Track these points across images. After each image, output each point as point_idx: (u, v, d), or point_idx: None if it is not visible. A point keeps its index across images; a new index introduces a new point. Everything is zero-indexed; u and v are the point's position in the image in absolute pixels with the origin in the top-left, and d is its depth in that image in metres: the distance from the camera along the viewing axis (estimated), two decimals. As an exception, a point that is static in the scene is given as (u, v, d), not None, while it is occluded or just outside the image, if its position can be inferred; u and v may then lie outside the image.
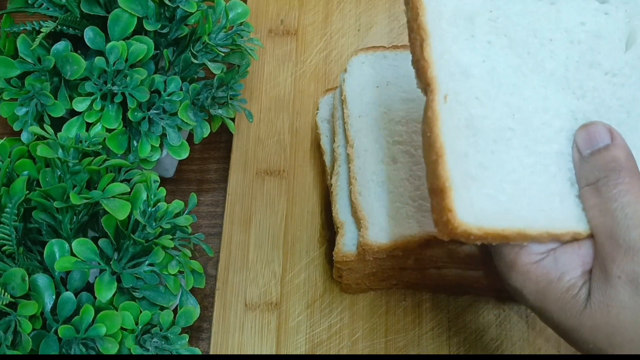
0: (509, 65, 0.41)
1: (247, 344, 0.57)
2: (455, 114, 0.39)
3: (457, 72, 0.40)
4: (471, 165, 0.38)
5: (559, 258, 0.39)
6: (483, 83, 0.40)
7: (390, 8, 0.71)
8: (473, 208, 0.37)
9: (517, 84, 0.41)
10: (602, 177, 0.39)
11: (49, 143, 0.48)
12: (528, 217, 0.38)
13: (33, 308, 0.44)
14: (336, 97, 0.59)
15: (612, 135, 0.40)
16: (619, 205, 0.38)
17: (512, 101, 0.41)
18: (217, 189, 0.65)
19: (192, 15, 0.56)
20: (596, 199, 0.39)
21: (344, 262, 0.53)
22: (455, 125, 0.39)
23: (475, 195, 0.38)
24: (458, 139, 0.38)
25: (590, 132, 0.41)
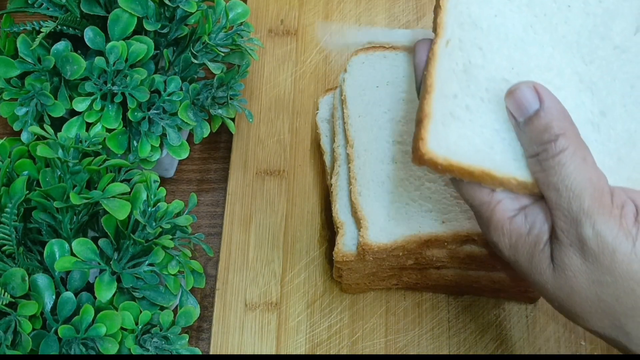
0: (520, 22, 0.42)
1: (247, 344, 0.57)
2: (454, 58, 0.41)
3: (467, 22, 0.42)
4: (456, 106, 0.41)
5: (528, 214, 0.40)
6: (489, 36, 0.42)
7: (390, 8, 0.71)
8: (446, 142, 0.39)
9: (525, 39, 0.42)
10: (540, 150, 0.39)
11: (49, 143, 0.48)
12: (497, 161, 0.40)
13: (33, 308, 0.44)
14: (336, 97, 0.59)
15: (539, 96, 0.39)
16: (559, 178, 0.38)
17: (514, 55, 0.42)
18: (217, 189, 0.65)
19: (192, 15, 0.56)
20: (539, 172, 0.39)
21: (344, 262, 0.53)
22: (452, 68, 0.41)
23: (452, 132, 0.40)
24: (451, 81, 0.41)
25: (517, 98, 0.40)
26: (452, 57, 0.41)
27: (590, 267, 0.37)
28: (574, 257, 0.38)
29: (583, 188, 0.37)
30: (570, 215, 0.38)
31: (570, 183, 0.37)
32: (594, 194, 0.37)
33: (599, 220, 0.37)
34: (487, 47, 0.42)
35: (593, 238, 0.37)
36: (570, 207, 0.37)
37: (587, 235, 0.37)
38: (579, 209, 0.37)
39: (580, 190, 0.37)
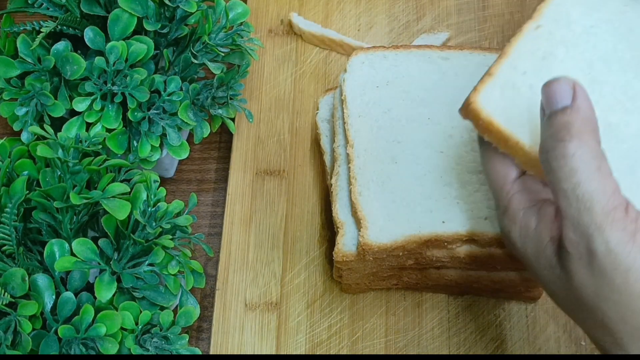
0: (612, 41, 0.44)
1: (247, 344, 0.57)
2: (538, 43, 0.44)
3: (563, 20, 0.45)
4: (521, 81, 0.42)
5: (541, 208, 0.40)
6: (579, 39, 0.44)
7: (390, 8, 0.71)
8: (496, 102, 0.41)
9: (610, 56, 0.44)
10: (551, 148, 0.36)
11: (49, 143, 0.48)
12: (534, 139, 0.40)
13: (33, 308, 0.44)
14: (336, 97, 0.59)
15: (574, 94, 0.37)
16: (570, 185, 0.35)
17: (595, 65, 0.44)
18: (217, 189, 0.65)
19: (192, 15, 0.56)
20: (549, 173, 0.37)
21: (344, 262, 0.53)
22: (533, 51, 0.43)
23: (505, 98, 0.42)
24: (527, 59, 0.43)
25: (552, 89, 0.37)
26: (536, 41, 0.44)
27: (598, 283, 0.35)
28: (582, 269, 0.36)
29: (595, 200, 0.35)
30: (580, 228, 0.35)
31: (581, 193, 0.35)
32: (607, 206, 0.35)
33: (611, 236, 0.34)
34: (573, 47, 0.43)
35: (605, 254, 0.35)
36: (581, 219, 0.35)
37: (598, 250, 0.35)
38: (589, 221, 0.35)
39: (591, 202, 0.35)
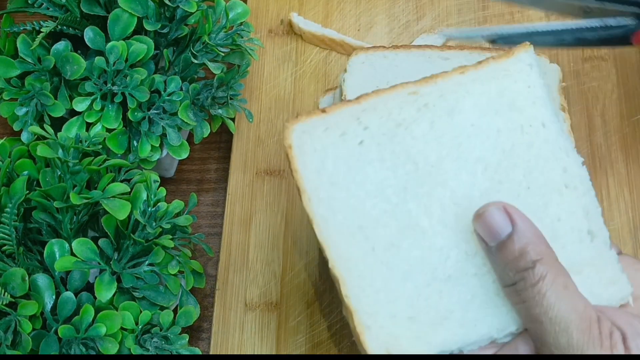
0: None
1: (247, 344, 0.57)
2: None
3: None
4: (355, 135, 0.41)
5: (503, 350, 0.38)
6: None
7: (390, 8, 0.71)
8: (314, 144, 0.40)
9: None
10: (517, 280, 0.36)
11: (49, 143, 0.48)
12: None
13: (33, 308, 0.44)
14: (336, 97, 0.59)
15: (510, 218, 0.37)
16: (542, 310, 0.35)
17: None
18: (217, 189, 0.65)
19: (192, 15, 0.56)
20: (519, 303, 0.37)
21: (344, 262, 0.53)
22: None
23: (326, 149, 0.41)
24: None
25: (487, 222, 0.37)
26: (403, 106, 0.42)
27: None
28: None
29: (569, 320, 0.35)
30: (558, 350, 0.35)
31: (554, 315, 0.35)
32: (581, 325, 0.35)
33: (591, 354, 0.34)
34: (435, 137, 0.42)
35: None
36: (558, 343, 0.35)
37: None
38: (567, 344, 0.35)
39: (566, 323, 0.35)
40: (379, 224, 0.40)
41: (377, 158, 0.41)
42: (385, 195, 0.41)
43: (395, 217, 0.40)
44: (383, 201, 0.40)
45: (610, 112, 0.63)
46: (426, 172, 0.41)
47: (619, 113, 0.63)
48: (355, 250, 0.39)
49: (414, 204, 0.40)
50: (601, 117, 0.63)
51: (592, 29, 0.46)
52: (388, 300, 0.39)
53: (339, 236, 0.39)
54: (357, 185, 0.40)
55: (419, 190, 0.40)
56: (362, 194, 0.40)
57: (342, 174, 0.41)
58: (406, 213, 0.40)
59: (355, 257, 0.39)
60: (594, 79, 0.65)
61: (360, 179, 0.40)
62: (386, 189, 0.41)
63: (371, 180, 0.41)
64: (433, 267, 0.39)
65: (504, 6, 0.69)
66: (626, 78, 0.64)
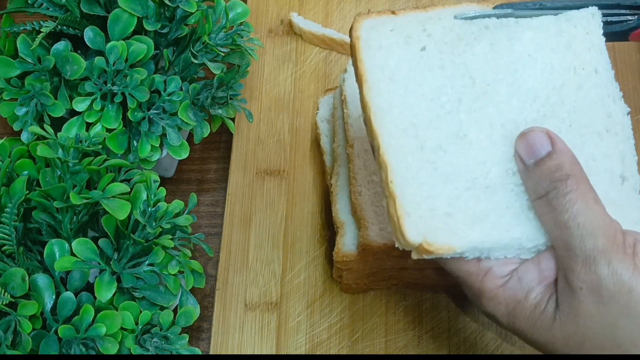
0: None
1: (247, 344, 0.57)
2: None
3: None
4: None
5: (522, 277, 0.39)
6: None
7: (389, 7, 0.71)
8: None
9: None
10: (550, 189, 0.38)
11: (49, 143, 0.48)
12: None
13: (33, 308, 0.44)
14: (336, 97, 0.59)
15: (551, 140, 0.39)
16: (570, 215, 0.37)
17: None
18: (217, 189, 0.65)
19: (192, 15, 0.56)
20: (549, 213, 0.38)
21: (344, 262, 0.53)
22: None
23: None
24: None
25: (529, 141, 0.40)
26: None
27: (605, 310, 0.36)
28: (586, 301, 0.37)
29: (596, 226, 0.37)
30: (583, 254, 0.37)
31: (583, 220, 0.37)
32: (608, 232, 0.37)
33: (615, 259, 0.36)
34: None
35: (609, 277, 0.36)
36: (584, 246, 0.37)
37: (603, 274, 0.36)
38: (593, 247, 0.36)
39: (593, 228, 0.37)
40: (431, 126, 0.42)
41: (437, 64, 0.43)
42: (440, 101, 0.42)
43: (446, 123, 0.42)
44: (437, 106, 0.42)
45: (610, 112, 0.63)
46: (482, 90, 0.43)
47: (619, 113, 0.63)
48: (405, 144, 0.41)
49: (466, 116, 0.42)
50: (601, 117, 0.63)
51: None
52: (429, 195, 0.40)
53: (392, 128, 0.41)
54: (416, 86, 0.42)
55: (472, 105, 0.42)
56: (419, 95, 0.42)
57: (403, 73, 0.42)
58: (457, 122, 0.42)
59: (404, 150, 0.41)
60: (594, 79, 0.65)
61: (419, 81, 0.42)
62: (442, 96, 0.42)
63: (429, 84, 0.42)
64: (474, 176, 0.41)
65: (504, 6, 0.69)
66: (626, 78, 0.65)
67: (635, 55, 0.65)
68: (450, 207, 0.40)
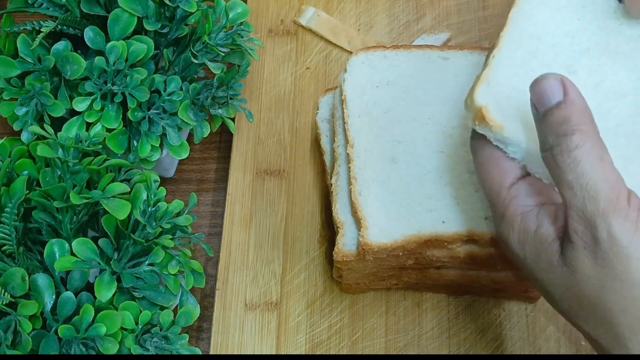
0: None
1: (247, 344, 0.57)
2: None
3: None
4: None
5: (540, 212, 0.40)
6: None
7: (390, 8, 0.71)
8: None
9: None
10: (555, 144, 0.37)
11: (49, 143, 0.48)
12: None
13: (33, 308, 0.44)
14: (336, 97, 0.59)
15: (565, 89, 0.38)
16: (574, 176, 0.36)
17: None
18: (217, 189, 0.65)
19: (192, 15, 0.56)
20: (554, 168, 0.38)
21: (344, 262, 0.53)
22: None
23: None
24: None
25: (542, 87, 0.39)
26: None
27: (601, 272, 0.36)
28: (585, 260, 0.37)
29: (599, 189, 0.36)
30: (584, 216, 0.36)
31: (585, 182, 0.36)
32: (610, 195, 0.36)
33: (614, 224, 0.35)
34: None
35: (607, 241, 0.36)
36: (585, 208, 0.36)
37: (602, 238, 0.36)
38: (594, 210, 0.36)
39: (595, 191, 0.36)
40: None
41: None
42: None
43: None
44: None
45: (611, 112, 0.63)
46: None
47: (619, 113, 0.63)
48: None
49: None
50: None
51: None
52: (513, 84, 0.44)
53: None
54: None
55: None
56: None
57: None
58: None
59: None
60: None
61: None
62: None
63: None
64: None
65: (504, 6, 0.69)
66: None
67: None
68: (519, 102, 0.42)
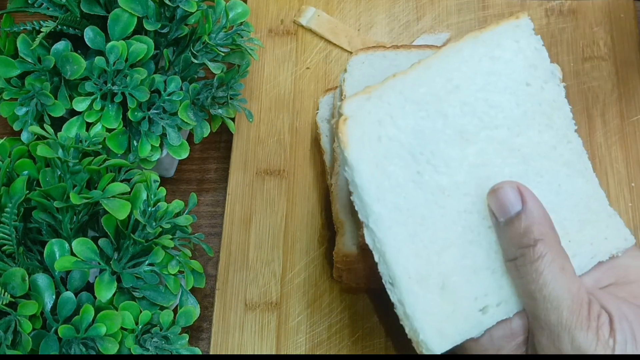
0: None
1: (247, 344, 0.57)
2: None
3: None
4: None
5: (493, 335, 0.40)
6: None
7: (390, 8, 0.71)
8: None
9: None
10: (518, 255, 0.38)
11: (49, 143, 0.48)
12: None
13: (33, 308, 0.44)
14: (336, 97, 0.59)
15: (522, 197, 0.39)
16: (537, 287, 0.37)
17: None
18: (217, 189, 0.65)
19: (192, 15, 0.56)
20: (517, 278, 0.38)
21: (344, 262, 0.53)
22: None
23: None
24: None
25: (500, 197, 0.39)
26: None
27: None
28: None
29: (561, 299, 0.36)
30: (548, 328, 0.37)
31: (548, 293, 0.37)
32: (573, 306, 0.36)
33: (577, 335, 0.36)
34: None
35: (572, 352, 0.36)
36: (549, 319, 0.37)
37: (566, 349, 0.36)
38: (557, 321, 0.36)
39: (558, 302, 0.36)
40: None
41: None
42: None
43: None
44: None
45: (610, 112, 0.63)
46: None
47: (619, 113, 0.63)
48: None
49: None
50: (601, 117, 0.63)
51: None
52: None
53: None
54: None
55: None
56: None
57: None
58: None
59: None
60: (594, 78, 0.65)
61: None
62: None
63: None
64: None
65: (504, 6, 0.69)
66: (626, 78, 0.65)
67: (635, 55, 0.65)
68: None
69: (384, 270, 0.40)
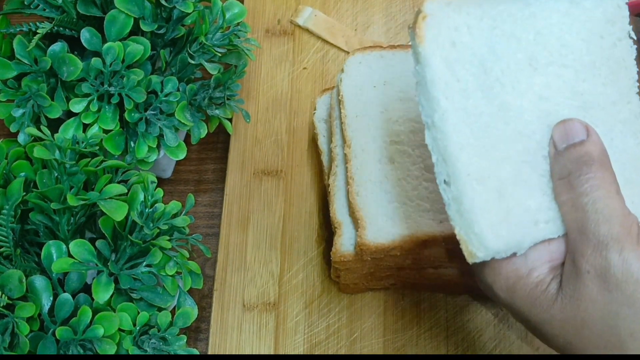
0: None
1: (245, 345, 0.57)
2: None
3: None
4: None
5: (528, 254, 0.39)
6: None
7: (387, 7, 0.71)
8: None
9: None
10: (574, 170, 0.39)
11: (45, 144, 0.48)
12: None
13: (30, 310, 0.44)
14: (333, 97, 0.59)
15: (588, 131, 0.40)
16: (590, 199, 0.38)
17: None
18: (214, 190, 0.65)
19: (189, 15, 0.56)
20: (568, 193, 0.39)
21: (341, 262, 0.53)
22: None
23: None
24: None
25: (567, 128, 0.41)
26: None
27: (609, 297, 0.37)
28: (591, 285, 0.37)
29: (614, 214, 0.37)
30: (596, 239, 0.37)
31: (601, 207, 0.37)
32: (624, 222, 0.37)
33: (627, 248, 0.36)
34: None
35: (619, 265, 0.36)
36: (598, 230, 0.37)
37: (613, 260, 0.36)
38: (607, 232, 0.37)
39: (610, 215, 0.37)
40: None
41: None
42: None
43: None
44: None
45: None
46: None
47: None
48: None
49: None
50: (598, 116, 0.63)
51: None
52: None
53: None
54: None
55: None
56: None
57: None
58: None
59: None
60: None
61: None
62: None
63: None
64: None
65: None
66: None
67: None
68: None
69: (441, 169, 0.41)
